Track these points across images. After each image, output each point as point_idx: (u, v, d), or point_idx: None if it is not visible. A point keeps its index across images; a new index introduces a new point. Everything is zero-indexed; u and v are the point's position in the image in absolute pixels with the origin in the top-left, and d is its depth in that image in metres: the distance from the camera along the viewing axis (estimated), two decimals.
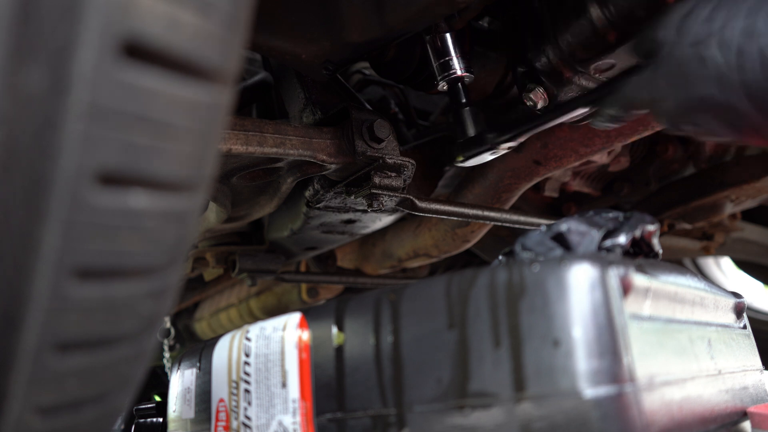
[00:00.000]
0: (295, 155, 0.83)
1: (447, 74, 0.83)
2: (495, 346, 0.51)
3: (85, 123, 0.31)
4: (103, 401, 0.41)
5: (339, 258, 1.46)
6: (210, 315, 1.79)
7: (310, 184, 0.97)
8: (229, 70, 0.36)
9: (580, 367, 0.47)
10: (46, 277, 0.33)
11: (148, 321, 0.40)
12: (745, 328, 0.78)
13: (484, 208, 1.02)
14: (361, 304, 0.61)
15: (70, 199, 0.32)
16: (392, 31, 0.78)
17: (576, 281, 0.50)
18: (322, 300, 1.55)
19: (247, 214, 1.06)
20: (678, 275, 0.63)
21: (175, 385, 0.82)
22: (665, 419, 0.52)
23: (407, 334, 0.57)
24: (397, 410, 0.56)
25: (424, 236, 1.27)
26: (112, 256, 0.35)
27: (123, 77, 0.31)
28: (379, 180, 0.88)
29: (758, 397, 0.74)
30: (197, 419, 0.75)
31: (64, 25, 0.29)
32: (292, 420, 0.63)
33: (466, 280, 0.55)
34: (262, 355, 0.67)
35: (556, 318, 0.49)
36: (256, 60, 1.10)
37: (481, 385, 0.51)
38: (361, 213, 1.04)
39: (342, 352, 0.61)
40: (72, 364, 0.37)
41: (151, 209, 0.35)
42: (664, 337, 0.57)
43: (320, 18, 0.77)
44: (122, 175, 0.33)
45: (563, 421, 0.47)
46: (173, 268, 0.39)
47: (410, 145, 1.17)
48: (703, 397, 0.60)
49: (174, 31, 0.32)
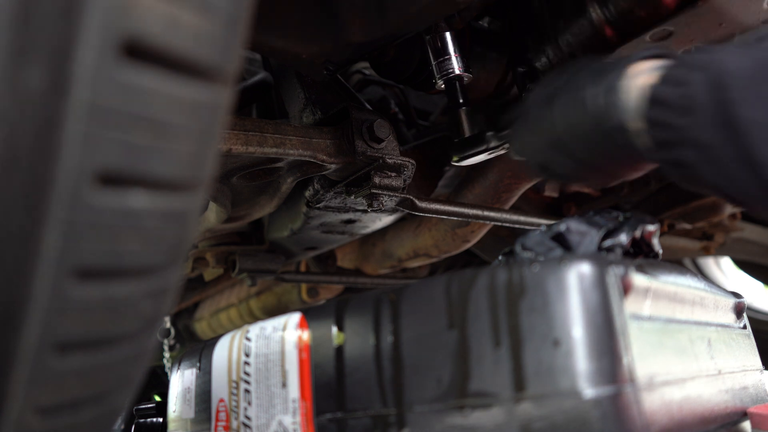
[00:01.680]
0: (295, 155, 0.83)
1: (445, 73, 0.83)
2: (495, 346, 0.51)
3: (85, 123, 0.31)
4: (103, 401, 0.41)
5: (339, 258, 1.46)
6: (210, 315, 1.79)
7: (310, 184, 0.97)
8: (229, 70, 0.36)
9: (580, 367, 0.47)
10: (46, 277, 0.33)
11: (148, 321, 0.40)
12: (745, 328, 0.78)
13: (484, 208, 1.02)
14: (361, 304, 0.61)
15: (70, 199, 0.32)
16: (393, 31, 0.78)
17: (576, 281, 0.50)
18: (322, 300, 1.55)
19: (247, 214, 1.05)
20: (678, 275, 0.63)
21: (175, 385, 0.82)
22: (665, 419, 0.52)
23: (407, 334, 0.57)
24: (397, 410, 0.56)
25: (424, 236, 1.27)
26: (112, 256, 0.35)
27: (123, 77, 0.31)
28: (379, 180, 0.88)
29: (758, 397, 0.74)
30: (197, 419, 0.75)
31: (64, 25, 0.29)
32: (292, 420, 0.63)
33: (466, 280, 0.55)
34: (262, 355, 0.67)
35: (556, 318, 0.49)
36: (256, 60, 1.10)
37: (481, 385, 0.51)
38: (361, 213, 1.04)
39: (342, 352, 0.61)
40: (72, 364, 0.37)
41: (151, 209, 0.35)
42: (664, 337, 0.57)
43: (321, 18, 0.77)
44: (122, 175, 0.33)
45: (563, 421, 0.47)
46: (173, 268, 0.39)
47: (410, 145, 1.17)
48: (703, 397, 0.60)
49: (174, 31, 0.32)
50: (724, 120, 0.49)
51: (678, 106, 0.52)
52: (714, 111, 0.50)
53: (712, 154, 0.51)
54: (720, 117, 0.49)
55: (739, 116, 0.48)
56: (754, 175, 0.49)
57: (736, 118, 0.48)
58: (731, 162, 0.50)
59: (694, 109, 0.51)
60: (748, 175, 0.49)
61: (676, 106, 0.52)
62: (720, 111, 0.49)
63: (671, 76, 0.54)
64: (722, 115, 0.49)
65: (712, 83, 0.50)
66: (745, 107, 0.48)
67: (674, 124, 0.52)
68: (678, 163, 0.54)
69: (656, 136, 0.54)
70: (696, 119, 0.51)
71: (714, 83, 0.50)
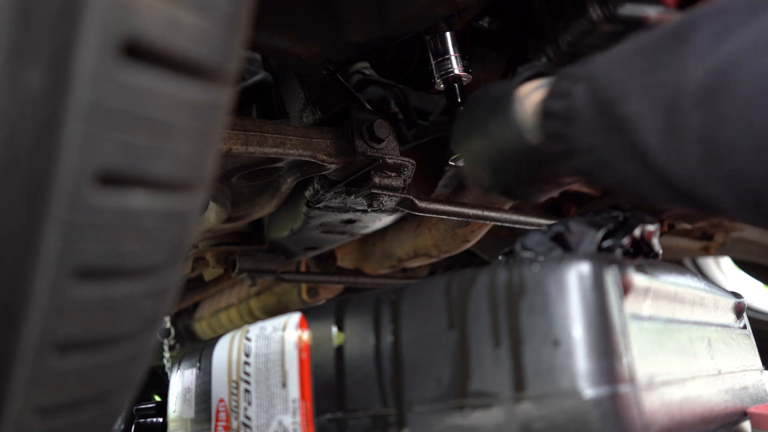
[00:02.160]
0: (295, 155, 0.83)
1: (445, 73, 0.83)
2: (495, 346, 0.51)
3: (86, 123, 0.31)
4: (103, 401, 0.41)
5: (339, 258, 1.46)
6: (210, 315, 1.79)
7: (310, 184, 0.97)
8: (229, 70, 0.36)
9: (580, 367, 0.47)
10: (46, 277, 0.33)
11: (148, 321, 0.40)
12: (745, 328, 0.78)
13: (484, 208, 1.02)
14: (361, 304, 0.61)
15: (70, 199, 0.32)
16: (393, 31, 0.78)
17: (576, 281, 0.50)
18: (322, 300, 1.55)
19: (247, 214, 1.05)
20: (678, 275, 0.63)
21: (175, 385, 0.82)
22: (665, 419, 0.52)
23: (407, 334, 0.57)
24: (397, 410, 0.56)
25: (424, 236, 1.27)
26: (112, 256, 0.35)
27: (123, 77, 0.31)
28: (379, 180, 0.88)
29: (758, 397, 0.74)
30: (197, 419, 0.75)
31: (64, 25, 0.29)
32: (292, 420, 0.63)
33: (466, 280, 0.55)
34: (262, 355, 0.67)
35: (556, 318, 0.49)
36: (256, 60, 1.10)
37: (481, 385, 0.51)
38: (361, 213, 1.04)
39: (342, 352, 0.61)
40: (72, 364, 0.37)
41: (151, 209, 0.35)
42: (664, 337, 0.57)
43: (321, 18, 0.77)
44: (122, 175, 0.33)
45: (563, 421, 0.47)
46: (173, 268, 0.39)
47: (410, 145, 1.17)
48: (703, 397, 0.60)
49: (174, 31, 0.32)
50: (607, 120, 0.50)
51: (565, 117, 0.54)
52: (596, 114, 0.51)
53: (601, 156, 0.52)
54: (603, 118, 0.50)
55: (623, 112, 0.49)
56: (645, 167, 0.49)
57: (619, 114, 0.49)
58: (620, 159, 0.50)
59: (578, 117, 0.52)
60: (639, 168, 0.49)
61: (563, 117, 0.54)
62: (603, 112, 0.50)
63: (556, 89, 0.56)
64: (605, 116, 0.50)
65: (592, 88, 0.51)
66: (624, 102, 0.49)
67: (564, 134, 0.54)
68: (581, 171, 0.56)
69: (555, 148, 0.56)
70: (580, 126, 0.52)
71: (593, 88, 0.51)
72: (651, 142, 0.47)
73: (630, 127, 0.48)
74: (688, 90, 0.44)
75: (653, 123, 0.47)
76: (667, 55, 0.47)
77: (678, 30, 0.47)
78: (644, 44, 0.50)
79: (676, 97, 0.45)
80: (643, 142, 0.47)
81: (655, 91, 0.47)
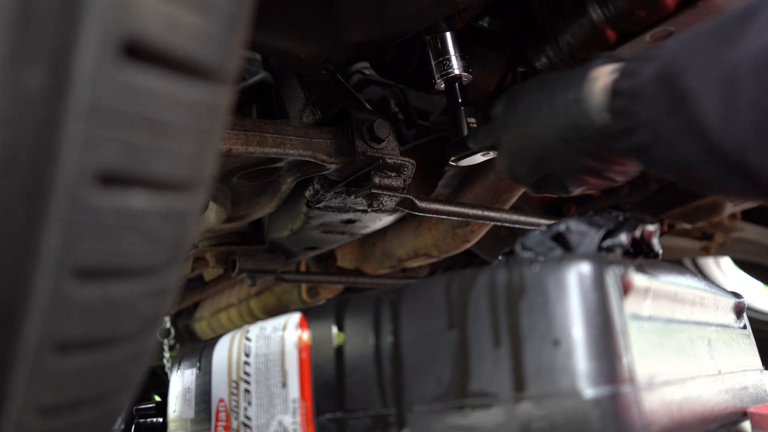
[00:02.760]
0: (295, 155, 0.83)
1: (445, 73, 0.83)
2: (495, 346, 0.51)
3: (86, 123, 0.31)
4: (103, 401, 0.41)
5: (339, 258, 1.46)
6: (210, 315, 1.79)
7: (310, 184, 0.97)
8: (229, 70, 0.36)
9: (580, 367, 0.47)
10: (46, 277, 0.33)
11: (148, 321, 0.40)
12: (745, 328, 0.78)
13: (484, 208, 1.02)
14: (361, 304, 0.61)
15: (70, 199, 0.32)
16: (392, 31, 0.78)
17: (576, 281, 0.50)
18: (322, 300, 1.55)
19: (247, 214, 1.05)
20: (678, 275, 0.63)
21: (175, 385, 0.82)
22: (665, 419, 0.52)
23: (407, 334, 0.57)
24: (397, 410, 0.56)
25: (424, 236, 1.27)
26: (112, 256, 0.35)
27: (123, 77, 0.31)
28: (379, 180, 0.88)
29: (758, 397, 0.74)
30: (197, 419, 0.75)
31: (64, 25, 0.29)
32: (292, 420, 0.63)
33: (466, 280, 0.55)
34: (262, 355, 0.67)
35: (556, 318, 0.49)
36: (256, 60, 1.10)
37: (481, 385, 0.51)
38: (361, 213, 1.04)
39: (342, 352, 0.61)
40: (72, 364, 0.37)
41: (151, 209, 0.35)
42: (664, 337, 0.57)
43: (320, 18, 0.77)
44: (122, 175, 0.33)
45: (563, 421, 0.47)
46: (173, 268, 0.39)
47: (410, 145, 1.17)
48: (703, 397, 0.60)
49: (174, 31, 0.32)
50: (669, 95, 0.51)
51: (632, 94, 0.55)
52: (660, 88, 0.52)
53: (659, 130, 0.53)
54: (667, 93, 0.52)
55: (684, 85, 0.50)
56: (700, 140, 0.50)
57: (682, 89, 0.50)
58: (677, 133, 0.52)
59: (643, 93, 0.54)
60: (695, 142, 0.50)
61: (631, 94, 0.55)
62: (666, 87, 0.52)
63: (627, 69, 0.57)
64: (669, 91, 0.52)
65: (659, 65, 0.53)
66: (688, 76, 0.50)
67: (630, 110, 0.56)
68: (639, 148, 0.57)
69: (618, 125, 0.57)
70: (645, 101, 0.54)
71: (660, 65, 0.53)
72: (708, 116, 0.48)
73: (689, 100, 0.50)
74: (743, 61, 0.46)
75: (711, 97, 0.48)
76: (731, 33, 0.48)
77: (746, 10, 0.49)
78: (713, 24, 0.52)
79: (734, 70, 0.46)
80: (701, 115, 0.49)
81: (715, 66, 0.48)
